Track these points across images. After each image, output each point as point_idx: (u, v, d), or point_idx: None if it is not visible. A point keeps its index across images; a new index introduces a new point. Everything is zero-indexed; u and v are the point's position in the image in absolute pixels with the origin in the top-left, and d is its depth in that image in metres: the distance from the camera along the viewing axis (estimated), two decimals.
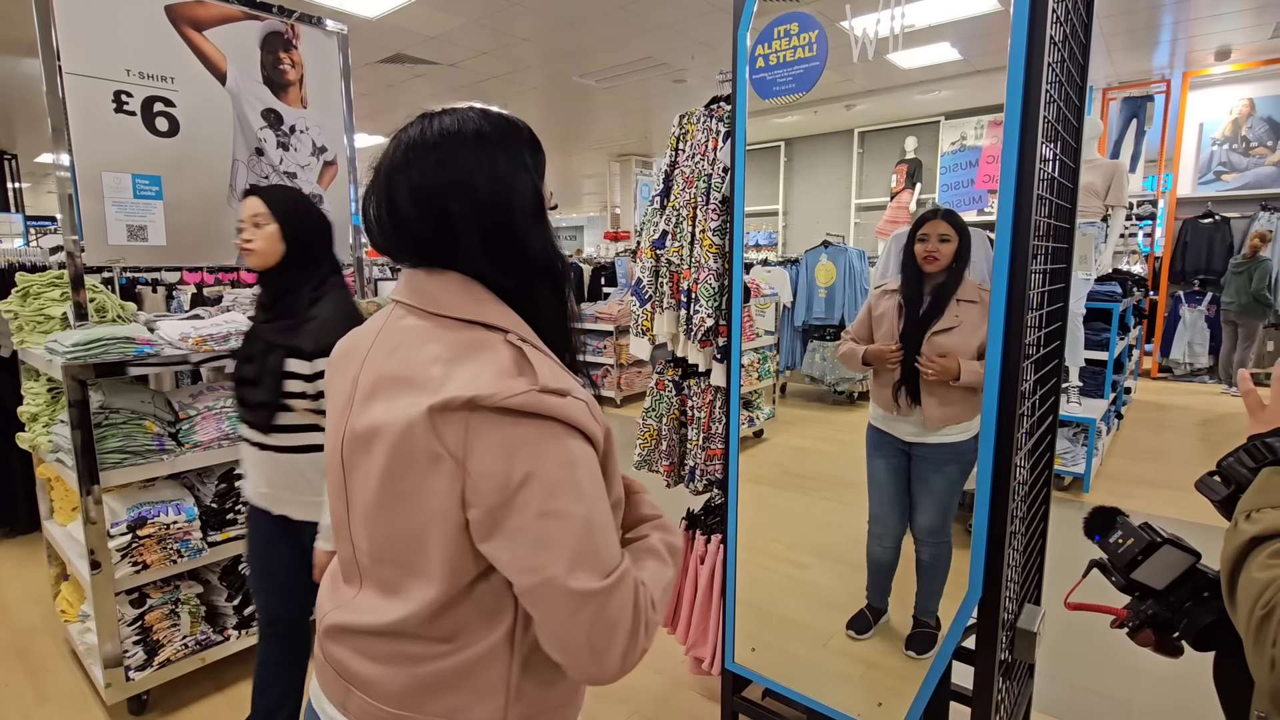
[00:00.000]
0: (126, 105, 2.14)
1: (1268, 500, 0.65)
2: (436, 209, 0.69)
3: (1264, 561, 0.61)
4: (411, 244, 0.72)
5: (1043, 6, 1.18)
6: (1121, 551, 0.86)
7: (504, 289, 0.72)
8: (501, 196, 0.70)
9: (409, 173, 0.70)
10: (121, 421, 1.92)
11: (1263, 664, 0.57)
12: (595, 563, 0.64)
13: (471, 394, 0.62)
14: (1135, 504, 3.73)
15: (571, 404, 0.65)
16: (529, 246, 0.73)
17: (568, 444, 0.65)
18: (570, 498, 0.63)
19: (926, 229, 1.69)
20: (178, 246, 2.30)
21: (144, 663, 1.99)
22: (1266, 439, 0.70)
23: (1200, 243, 6.87)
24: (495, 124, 0.73)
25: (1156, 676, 2.18)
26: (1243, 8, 5.19)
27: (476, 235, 0.70)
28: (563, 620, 0.64)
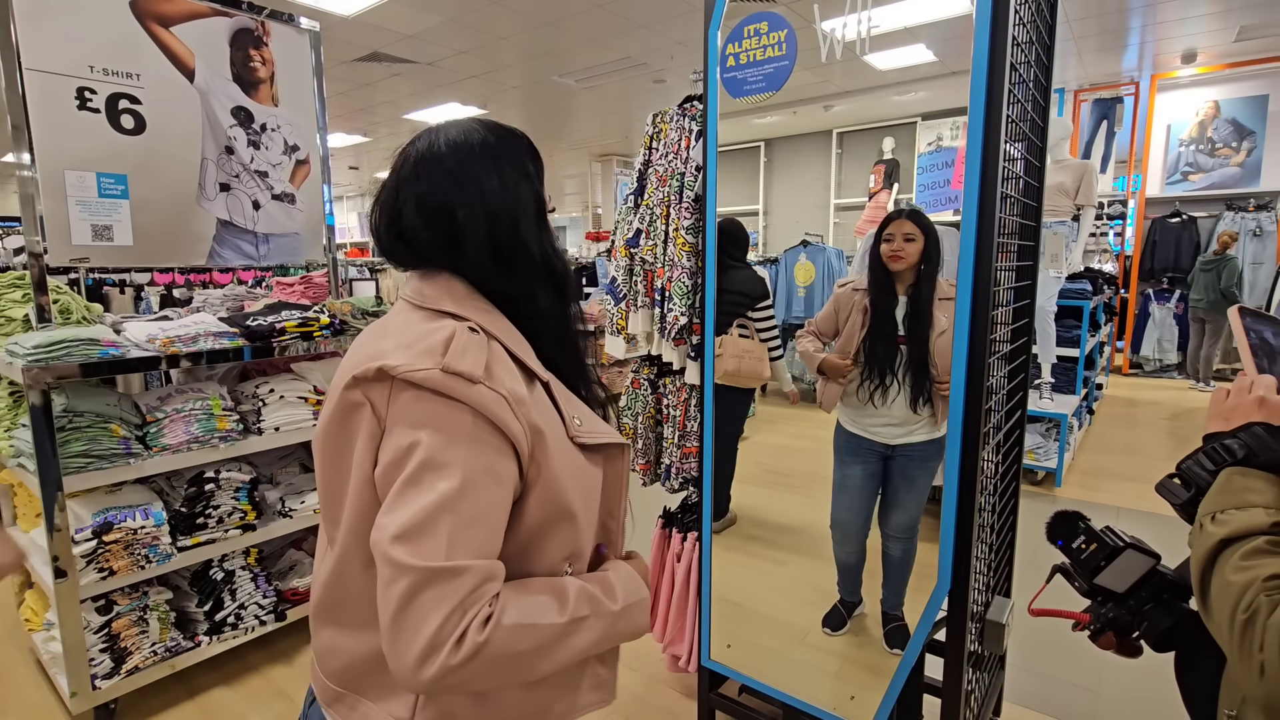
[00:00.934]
0: (90, 102, 2.09)
1: (1231, 501, 0.65)
2: (443, 218, 0.72)
3: (1237, 563, 0.61)
4: (414, 251, 0.75)
5: (1004, 8, 1.20)
6: (1085, 558, 0.87)
7: (508, 294, 0.75)
8: (506, 204, 0.74)
9: (418, 185, 0.73)
10: (86, 425, 1.88)
11: (1251, 671, 0.55)
12: (432, 544, 0.60)
13: (381, 364, 0.65)
14: (1106, 498, 3.80)
15: (481, 392, 0.65)
16: (532, 251, 0.75)
17: (471, 431, 0.64)
18: (439, 474, 0.62)
19: (892, 228, 1.70)
20: (145, 247, 2.26)
21: (111, 671, 1.95)
22: (1225, 441, 0.71)
23: (1169, 241, 7.02)
24: (498, 135, 0.77)
25: (1125, 666, 2.22)
26: (1208, 12, 5.32)
27: (483, 242, 0.73)
28: (381, 587, 0.62)
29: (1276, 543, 0.60)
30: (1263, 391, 0.71)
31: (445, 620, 0.59)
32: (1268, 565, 0.58)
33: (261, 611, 2.27)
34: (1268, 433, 0.68)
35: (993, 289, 1.28)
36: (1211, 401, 0.76)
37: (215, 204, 2.43)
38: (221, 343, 2.14)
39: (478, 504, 0.63)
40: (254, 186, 2.52)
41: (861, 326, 1.75)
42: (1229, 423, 0.72)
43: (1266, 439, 0.68)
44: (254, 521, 2.22)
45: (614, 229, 2.02)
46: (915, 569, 1.87)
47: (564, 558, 0.73)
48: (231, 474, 2.18)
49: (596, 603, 0.71)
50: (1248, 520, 0.62)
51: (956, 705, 1.43)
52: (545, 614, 0.66)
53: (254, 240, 2.54)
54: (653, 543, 2.07)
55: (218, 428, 2.13)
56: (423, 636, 0.59)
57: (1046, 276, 3.96)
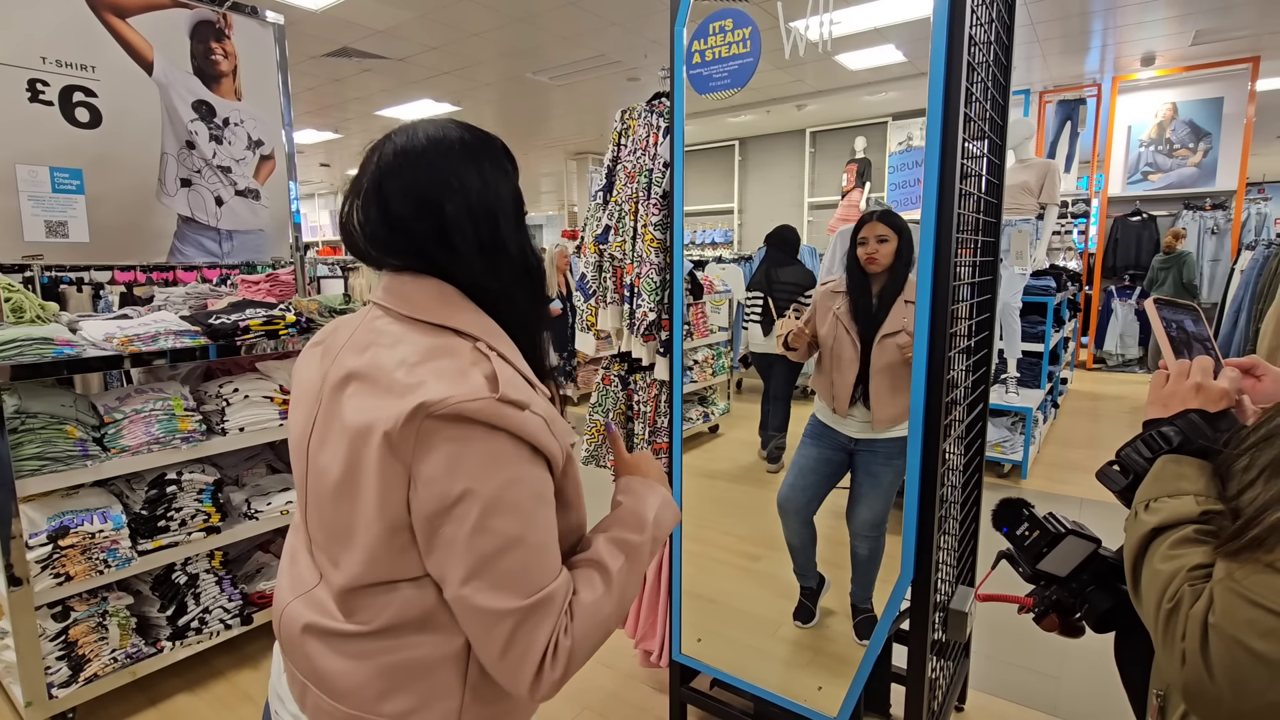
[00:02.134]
0: (43, 95, 2.03)
1: (1164, 489, 0.66)
2: (433, 208, 0.71)
3: (1165, 553, 0.61)
4: (406, 245, 0.73)
5: (961, 7, 1.22)
6: (1028, 544, 0.89)
7: (490, 293, 0.74)
8: (488, 201, 0.73)
9: (402, 175, 0.72)
10: (40, 427, 1.83)
11: (1173, 658, 0.57)
12: (521, 583, 0.64)
13: (423, 399, 0.63)
14: (1071, 489, 3.90)
15: (529, 419, 0.65)
16: (511, 250, 0.75)
17: (514, 460, 0.65)
18: (505, 516, 0.64)
19: (865, 231, 1.72)
20: (103, 244, 2.20)
21: (68, 679, 1.90)
22: (1162, 428, 0.71)
23: (1130, 239, 7.22)
24: (473, 133, 0.76)
25: (1084, 651, 2.28)
26: (1165, 15, 5.48)
27: (470, 237, 0.72)
28: (478, 635, 0.66)
29: (1204, 532, 0.61)
30: (1199, 378, 0.71)
31: (546, 645, 0.65)
32: (1193, 555, 0.59)
33: (227, 615, 2.22)
34: (1203, 419, 0.69)
35: (952, 284, 1.31)
36: (1151, 387, 0.77)
37: (176, 200, 2.37)
38: (183, 341, 2.09)
39: (541, 530, 0.66)
40: (216, 182, 2.46)
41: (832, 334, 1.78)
42: (1167, 409, 0.73)
43: (1201, 426, 0.69)
44: (218, 524, 2.18)
45: (583, 225, 2.02)
46: (884, 560, 1.90)
47: (571, 545, 0.76)
48: (194, 476, 2.13)
49: (627, 542, 0.76)
50: (1178, 509, 0.63)
51: (921, 693, 1.46)
52: (599, 590, 0.71)
53: (217, 237, 2.49)
54: None
55: (179, 428, 2.08)
56: (530, 665, 0.64)
57: (1012, 273, 4.05)
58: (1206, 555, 0.59)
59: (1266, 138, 9.87)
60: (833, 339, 1.79)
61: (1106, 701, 2.06)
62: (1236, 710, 0.53)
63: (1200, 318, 0.80)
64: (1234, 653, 0.52)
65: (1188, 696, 0.56)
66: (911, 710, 1.47)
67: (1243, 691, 0.52)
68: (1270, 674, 0.50)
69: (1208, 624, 0.54)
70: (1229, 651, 0.52)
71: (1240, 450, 0.62)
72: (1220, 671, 0.53)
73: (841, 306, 1.78)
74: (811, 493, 1.93)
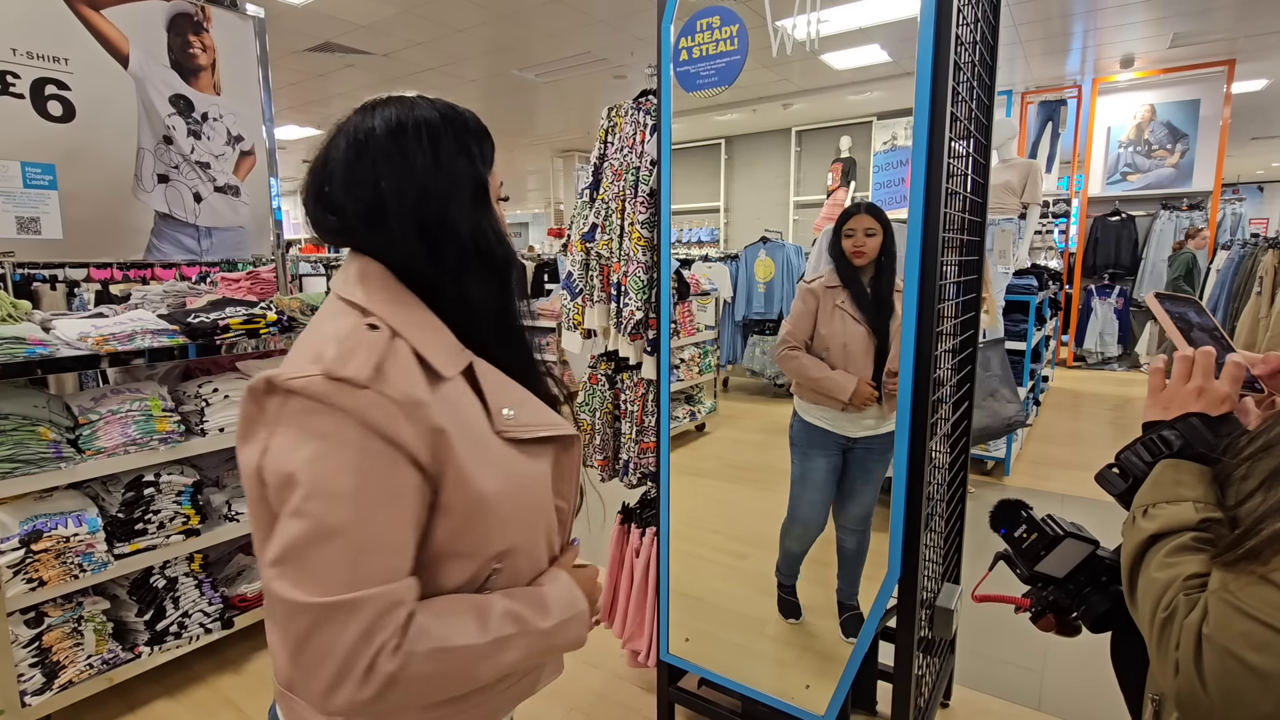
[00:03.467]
0: (13, 87, 1.98)
1: (1163, 495, 0.65)
2: (367, 188, 0.68)
3: (1162, 560, 0.61)
4: (342, 222, 0.71)
5: (948, 7, 1.22)
6: (1026, 547, 0.88)
7: (424, 276, 0.70)
8: (437, 181, 0.70)
9: (346, 153, 0.69)
10: (11, 428, 1.78)
11: (1167, 667, 0.56)
12: (325, 578, 0.58)
13: (270, 374, 0.62)
14: (1053, 485, 3.94)
15: (367, 399, 0.60)
16: (461, 233, 0.71)
17: (353, 445, 0.59)
18: (328, 504, 0.58)
19: (852, 224, 1.73)
20: (77, 240, 2.15)
21: (43, 686, 1.85)
22: (1162, 432, 0.70)
23: (1109, 239, 7.33)
24: (441, 111, 0.73)
25: (1067, 647, 2.31)
26: (1144, 18, 5.56)
27: (408, 218, 0.69)
28: (277, 628, 0.60)
29: (1201, 540, 0.60)
30: (1201, 380, 0.70)
31: (349, 655, 0.57)
32: (1190, 563, 0.59)
33: (207, 619, 2.19)
34: (1203, 424, 0.68)
35: (939, 283, 1.31)
36: (1150, 385, 0.75)
37: (153, 196, 2.32)
38: (161, 340, 2.05)
39: (373, 528, 0.60)
40: (195, 178, 2.42)
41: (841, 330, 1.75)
42: (1168, 411, 0.72)
43: (1201, 430, 0.68)
44: (198, 526, 2.14)
45: (570, 223, 2.01)
46: (869, 558, 1.91)
47: (491, 556, 0.69)
48: (173, 477, 2.09)
49: (523, 621, 0.69)
50: (1177, 516, 0.63)
51: (908, 690, 1.46)
52: (465, 635, 0.64)
53: (196, 234, 2.44)
54: (612, 538, 2.06)
55: (157, 429, 2.04)
56: (325, 673, 0.57)
57: (995, 272, 4.09)
58: (1203, 564, 0.58)
59: (1241, 139, 10.06)
60: (842, 334, 1.75)
61: (1088, 695, 2.09)
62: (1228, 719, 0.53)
63: (1203, 309, 0.80)
64: (1227, 664, 0.52)
65: (1180, 706, 0.56)
66: (899, 707, 1.48)
67: (1235, 703, 0.52)
68: (1263, 686, 0.50)
69: (1202, 635, 0.54)
70: (1222, 663, 0.52)
71: (1239, 459, 0.62)
72: (1213, 682, 0.53)
73: (844, 300, 1.76)
74: (827, 505, 1.93)
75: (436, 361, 0.67)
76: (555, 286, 7.70)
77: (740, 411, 3.38)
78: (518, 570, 0.73)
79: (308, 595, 0.57)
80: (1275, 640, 0.50)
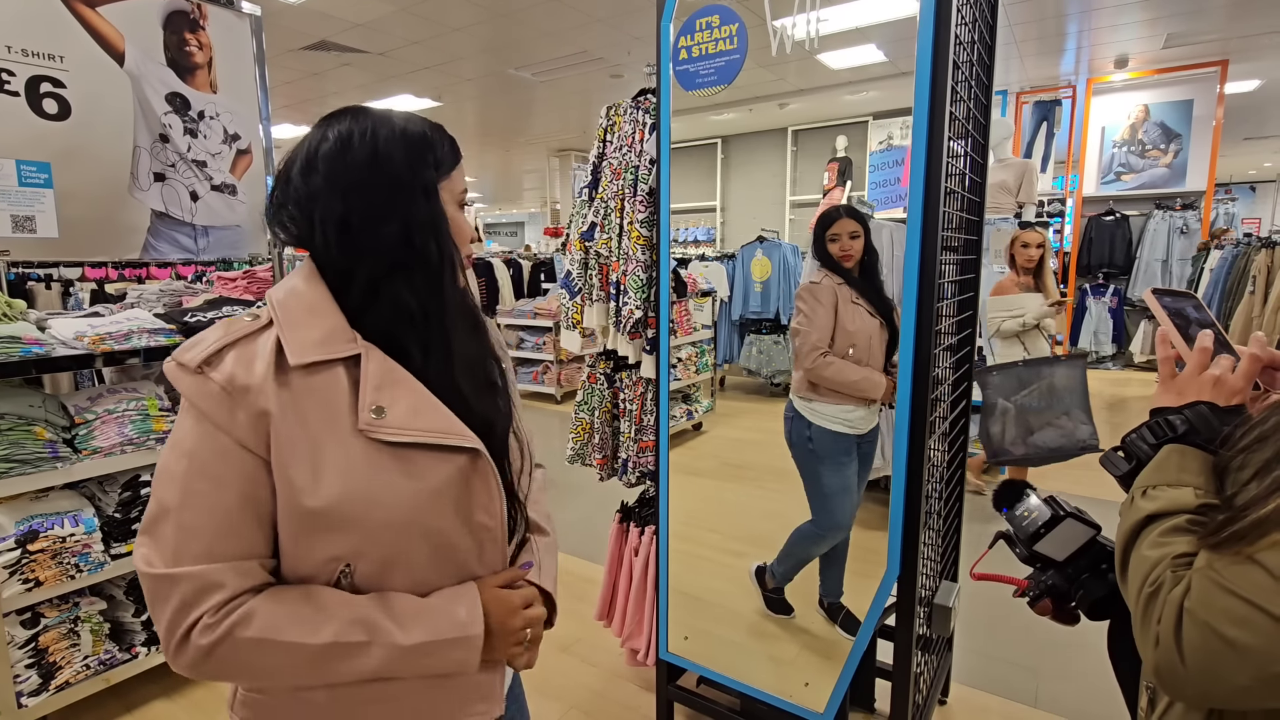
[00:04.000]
0: (8, 85, 1.97)
1: (1164, 478, 0.66)
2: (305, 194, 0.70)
3: (1155, 539, 0.62)
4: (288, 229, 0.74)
5: (947, 6, 1.23)
6: (1026, 524, 0.88)
7: (343, 268, 0.72)
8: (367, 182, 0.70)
9: (299, 165, 0.72)
10: (7, 428, 1.77)
11: (1148, 640, 0.58)
12: (159, 551, 0.64)
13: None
14: (1046, 483, 3.94)
15: (195, 383, 0.65)
16: (384, 229, 0.70)
17: (189, 428, 0.66)
18: (167, 482, 0.66)
19: (836, 229, 1.75)
20: (73, 239, 2.14)
21: (39, 687, 1.84)
22: (1169, 416, 0.70)
23: (1104, 239, 7.36)
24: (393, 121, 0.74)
25: (1063, 644, 2.32)
26: (1139, 19, 5.58)
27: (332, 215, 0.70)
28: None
29: (1195, 522, 0.61)
30: (1219, 371, 0.70)
31: (170, 622, 0.64)
32: (1180, 543, 0.60)
33: None
34: (1212, 412, 0.68)
35: (938, 282, 1.32)
36: (1160, 375, 0.75)
37: (149, 194, 2.31)
38: (158, 340, 2.04)
39: (197, 510, 0.65)
40: (191, 177, 2.41)
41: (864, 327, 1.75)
42: (1181, 397, 0.71)
43: (1209, 418, 0.68)
44: None
45: (569, 222, 2.01)
46: (857, 554, 1.93)
47: (329, 558, 0.68)
48: None
49: (377, 631, 0.67)
50: (1176, 498, 0.64)
51: (906, 687, 1.47)
52: (296, 632, 0.65)
53: (192, 233, 2.43)
54: (610, 537, 2.06)
55: (154, 429, 2.03)
56: (160, 632, 0.65)
57: (991, 271, 4.10)
58: (1192, 545, 0.60)
59: (1234, 139, 10.13)
60: (865, 329, 1.74)
61: (1084, 692, 2.10)
62: (1204, 692, 0.55)
63: (1201, 305, 0.80)
64: (1206, 638, 0.53)
65: (1159, 677, 0.57)
66: (897, 704, 1.49)
67: (1210, 676, 0.53)
68: (1239, 660, 0.52)
69: (1184, 609, 0.55)
70: (1201, 636, 0.54)
71: (1235, 450, 0.62)
72: (1190, 655, 0.54)
73: (857, 296, 1.76)
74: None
75: (291, 349, 0.67)
76: (552, 285, 7.70)
77: (737, 410, 3.39)
78: (387, 580, 0.71)
79: (145, 565, 0.65)
80: (1254, 616, 0.51)
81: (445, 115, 8.61)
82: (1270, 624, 0.51)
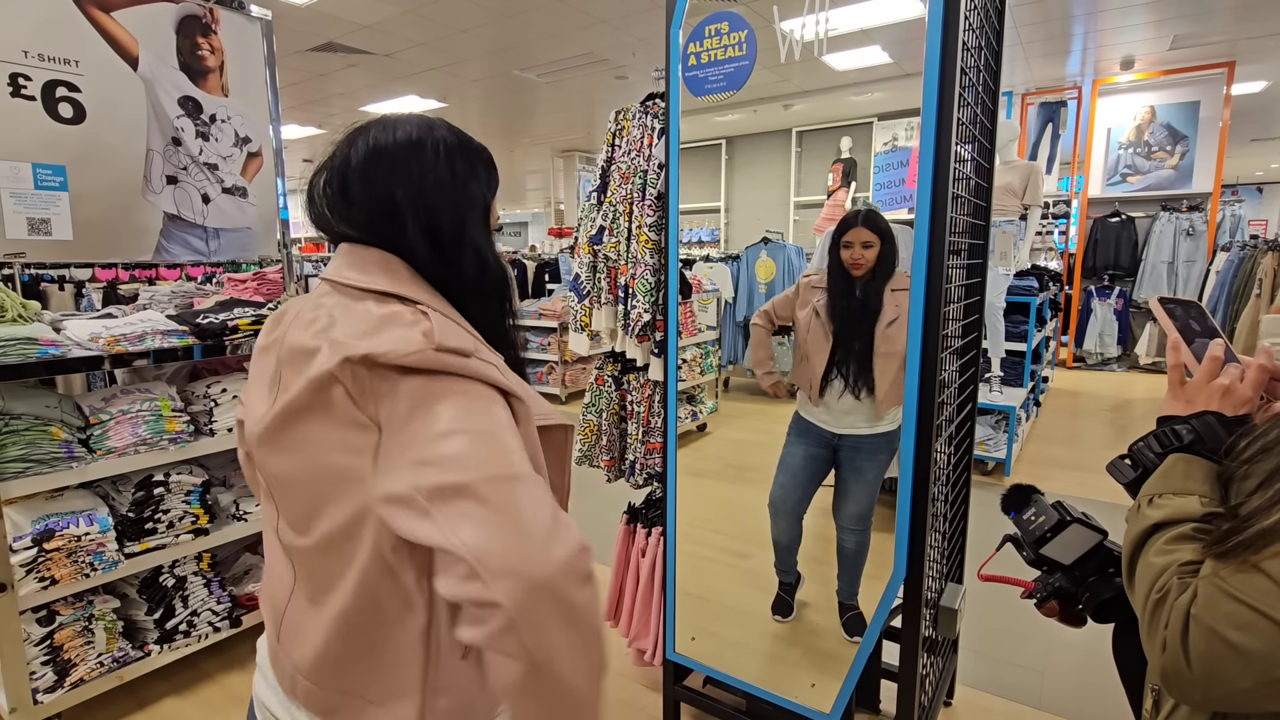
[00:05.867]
0: (25, 89, 1.99)
1: (1170, 486, 0.68)
2: (388, 189, 0.73)
3: (1162, 547, 0.64)
4: (366, 216, 0.74)
5: (955, 14, 1.24)
6: (1033, 528, 0.89)
7: (446, 282, 0.75)
8: (451, 195, 0.75)
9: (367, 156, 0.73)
10: (24, 428, 1.80)
11: (1155, 645, 0.60)
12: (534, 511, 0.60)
13: (366, 351, 0.63)
14: (1052, 485, 3.96)
15: (475, 364, 0.66)
16: (468, 247, 0.75)
17: (478, 394, 0.65)
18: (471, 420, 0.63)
19: (850, 236, 1.74)
20: (87, 241, 2.16)
21: (54, 684, 1.87)
22: (1175, 425, 0.71)
23: (1109, 240, 7.34)
24: (457, 134, 0.78)
25: (1068, 647, 2.33)
26: (1144, 20, 5.58)
27: (423, 225, 0.73)
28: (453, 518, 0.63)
29: (1201, 530, 0.63)
30: (1228, 381, 0.71)
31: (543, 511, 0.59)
32: (1186, 551, 0.62)
33: (215, 618, 2.20)
34: (1219, 422, 0.69)
35: (944, 286, 1.33)
36: (1170, 382, 0.76)
37: (162, 197, 2.33)
38: (171, 341, 2.07)
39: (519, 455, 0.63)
40: (203, 179, 2.43)
41: (807, 326, 1.81)
42: (1190, 406, 0.72)
43: (1216, 428, 0.69)
44: (206, 526, 2.16)
45: (577, 226, 2.02)
46: (871, 558, 1.93)
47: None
48: (182, 477, 2.11)
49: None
50: (1182, 507, 0.65)
51: (912, 689, 1.48)
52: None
53: (204, 235, 2.46)
54: (618, 538, 2.08)
55: (167, 429, 2.06)
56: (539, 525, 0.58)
57: (996, 274, 4.11)
58: (1198, 553, 0.61)
59: (1240, 141, 10.10)
60: (808, 329, 1.82)
61: (1089, 694, 2.11)
62: (1208, 695, 0.56)
63: (1205, 314, 0.81)
64: (1210, 642, 0.55)
65: (1165, 680, 0.59)
66: (903, 706, 1.50)
67: (1215, 679, 0.55)
68: (1243, 663, 0.54)
69: (1190, 615, 0.57)
70: (1206, 641, 0.55)
71: (1239, 461, 0.64)
72: (1196, 659, 0.56)
73: (821, 300, 1.81)
74: (801, 491, 1.96)
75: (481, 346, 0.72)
76: (556, 286, 7.72)
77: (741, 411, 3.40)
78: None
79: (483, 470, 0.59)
80: (1257, 621, 0.53)
81: (451, 116, 8.62)
82: (1273, 629, 0.52)
